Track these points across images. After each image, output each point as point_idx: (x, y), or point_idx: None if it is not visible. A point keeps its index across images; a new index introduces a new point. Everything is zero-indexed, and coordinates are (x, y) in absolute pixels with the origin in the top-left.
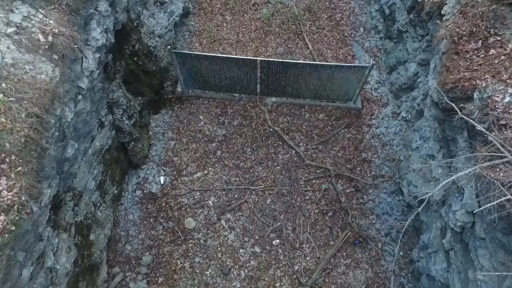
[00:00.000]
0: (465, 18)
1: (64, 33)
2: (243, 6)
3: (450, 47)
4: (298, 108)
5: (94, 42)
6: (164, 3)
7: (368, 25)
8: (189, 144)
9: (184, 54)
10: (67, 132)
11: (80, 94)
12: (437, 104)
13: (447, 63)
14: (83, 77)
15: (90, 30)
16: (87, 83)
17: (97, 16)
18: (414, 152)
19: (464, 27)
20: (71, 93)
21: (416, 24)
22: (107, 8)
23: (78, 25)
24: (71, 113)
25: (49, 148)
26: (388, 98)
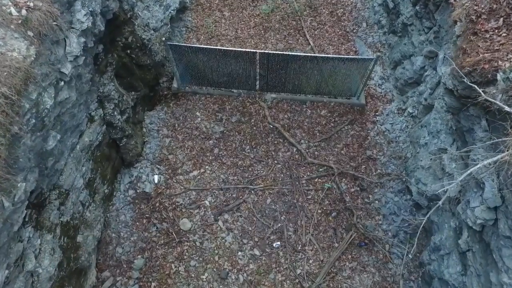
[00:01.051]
0: None
1: (40, 7)
2: (242, 2)
3: (467, 28)
4: (299, 104)
5: (79, 24)
6: None
7: (371, 20)
8: (185, 141)
9: (180, 47)
10: (47, 121)
11: (62, 80)
12: (451, 91)
13: (463, 45)
14: (66, 62)
15: (74, 12)
16: (70, 69)
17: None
18: (422, 148)
19: (483, 4)
20: (51, 77)
21: (422, 16)
22: None
23: (59, 3)
24: (50, 99)
25: (24, 137)
26: (393, 94)
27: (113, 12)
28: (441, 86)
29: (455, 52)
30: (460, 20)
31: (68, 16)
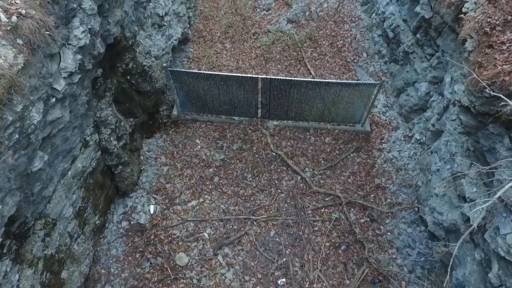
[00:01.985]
0: (495, 7)
1: (33, 16)
2: (243, 35)
3: (482, 41)
4: (302, 132)
5: (76, 41)
6: (162, 26)
7: (371, 51)
8: (184, 169)
9: (180, 73)
10: (34, 138)
11: (54, 97)
12: (468, 109)
13: (479, 59)
14: (60, 78)
15: (72, 28)
16: (63, 86)
17: (81, 14)
18: (434, 175)
19: (496, 16)
20: (41, 91)
21: (423, 44)
22: (92, 6)
23: (56, 16)
24: (38, 114)
25: (4, 153)
26: (398, 122)
27: (114, 37)
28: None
29: (469, 67)
30: (470, 37)
31: (65, 31)
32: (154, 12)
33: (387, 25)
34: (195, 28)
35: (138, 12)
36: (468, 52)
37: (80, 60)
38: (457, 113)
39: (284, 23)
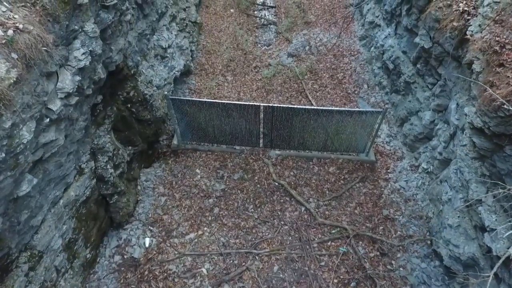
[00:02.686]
0: (503, 26)
1: (30, 31)
2: (245, 69)
3: (491, 60)
4: (306, 161)
5: (76, 62)
6: (165, 57)
7: (372, 82)
8: (183, 200)
9: (182, 101)
10: (22, 159)
11: (48, 117)
12: (481, 131)
13: (489, 79)
14: (56, 98)
15: (72, 49)
16: (59, 106)
17: (83, 37)
18: (446, 205)
19: (504, 35)
20: (34, 110)
21: (424, 74)
22: (95, 29)
23: (55, 34)
24: (29, 133)
25: None
26: (403, 152)
27: (116, 64)
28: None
29: (478, 89)
30: (477, 58)
31: (64, 51)
32: (157, 44)
33: (387, 57)
34: (197, 62)
35: (141, 43)
36: (476, 74)
37: (78, 82)
38: (470, 136)
39: (284, 57)
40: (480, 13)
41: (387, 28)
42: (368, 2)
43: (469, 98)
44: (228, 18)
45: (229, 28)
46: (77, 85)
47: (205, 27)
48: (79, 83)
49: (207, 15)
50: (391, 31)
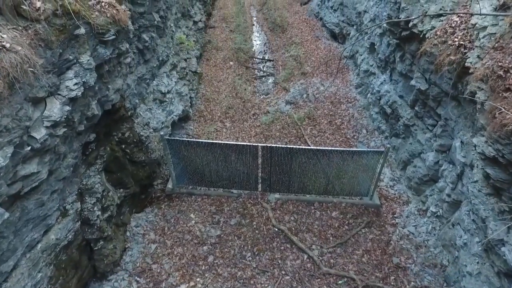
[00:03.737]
0: (504, 52)
1: (18, 51)
2: (243, 116)
3: (496, 85)
4: (307, 206)
5: (67, 91)
6: (163, 102)
7: (370, 127)
8: (174, 247)
9: (178, 142)
10: None
11: (30, 146)
12: (495, 160)
13: (497, 104)
14: (41, 126)
15: (64, 78)
16: (43, 135)
17: (77, 68)
18: (462, 251)
19: (507, 60)
20: (14, 134)
21: (423, 116)
22: (90, 61)
23: (46, 60)
24: (4, 159)
25: None
26: (408, 196)
27: (113, 103)
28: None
29: (486, 117)
30: (479, 89)
31: (55, 79)
32: (157, 88)
33: (384, 102)
34: (196, 108)
35: (140, 87)
36: (481, 103)
37: (68, 112)
38: (482, 167)
39: (282, 105)
40: (477, 45)
41: (382, 75)
42: (362, 53)
43: (475, 131)
44: (228, 70)
45: (228, 78)
46: (66, 115)
47: (205, 77)
48: (68, 114)
49: (207, 67)
50: (386, 77)
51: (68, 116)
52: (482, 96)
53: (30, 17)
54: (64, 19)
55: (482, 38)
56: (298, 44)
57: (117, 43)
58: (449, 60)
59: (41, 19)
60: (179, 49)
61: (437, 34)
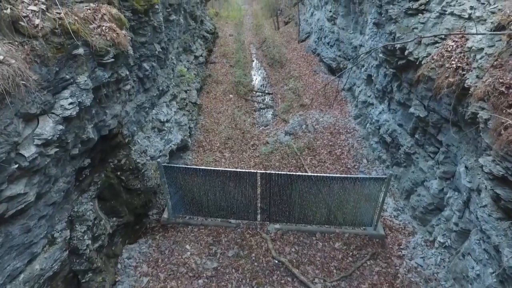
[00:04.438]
0: (504, 70)
1: (11, 64)
2: (243, 146)
3: (499, 102)
4: (308, 236)
5: (61, 110)
6: (162, 130)
7: (371, 157)
8: (168, 281)
9: (174, 168)
10: None
11: (18, 164)
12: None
13: (502, 121)
14: (31, 144)
15: (60, 97)
16: (33, 154)
17: (73, 88)
18: (475, 283)
19: (508, 77)
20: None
21: (423, 143)
22: (87, 82)
23: (41, 77)
24: None
25: None
26: (414, 226)
27: (110, 129)
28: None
29: (491, 135)
30: (481, 108)
31: (49, 97)
32: (156, 117)
33: (383, 131)
34: (195, 139)
35: (139, 115)
36: (484, 122)
37: (61, 132)
38: (492, 188)
39: (282, 135)
40: (474, 67)
41: (380, 105)
42: (359, 85)
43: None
44: (228, 102)
45: (228, 110)
46: (59, 135)
47: (205, 109)
48: (62, 134)
49: (207, 99)
50: (384, 107)
51: (61, 136)
52: (485, 114)
53: (27, 33)
54: (63, 38)
55: (480, 59)
56: (297, 78)
57: (116, 67)
58: (447, 83)
59: (39, 36)
60: (180, 81)
61: (433, 58)
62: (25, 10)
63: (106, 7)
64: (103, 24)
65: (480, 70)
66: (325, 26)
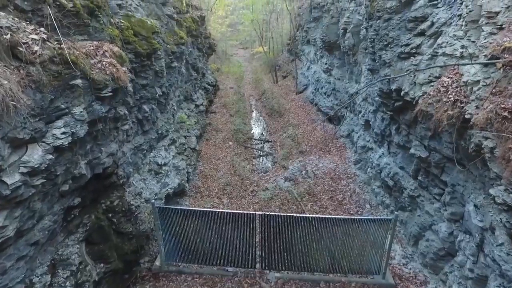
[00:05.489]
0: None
1: (2, 84)
2: (242, 192)
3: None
4: (311, 286)
5: (52, 139)
6: (159, 173)
7: (374, 202)
8: None
9: (169, 210)
10: None
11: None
12: None
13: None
14: (15, 171)
15: (52, 126)
16: (16, 181)
17: (68, 118)
18: None
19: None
20: None
21: (427, 185)
22: (83, 113)
23: (35, 103)
24: None
25: None
26: (425, 275)
27: (104, 167)
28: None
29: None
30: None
31: (41, 124)
32: (153, 160)
33: (385, 175)
34: (193, 184)
35: (136, 156)
36: (490, 150)
37: (50, 162)
38: (508, 221)
39: (282, 181)
40: (473, 99)
41: (379, 149)
42: (358, 131)
43: (489, 185)
44: (227, 149)
45: (227, 157)
46: (48, 164)
47: (204, 155)
48: (51, 164)
49: (206, 146)
50: (384, 150)
51: (50, 167)
52: (489, 144)
53: (25, 58)
54: (61, 67)
55: (477, 90)
56: (295, 126)
57: (114, 102)
58: (447, 116)
59: (36, 62)
60: (180, 127)
61: (430, 94)
62: (26, 38)
63: (108, 45)
64: (104, 59)
65: (479, 100)
66: (322, 78)
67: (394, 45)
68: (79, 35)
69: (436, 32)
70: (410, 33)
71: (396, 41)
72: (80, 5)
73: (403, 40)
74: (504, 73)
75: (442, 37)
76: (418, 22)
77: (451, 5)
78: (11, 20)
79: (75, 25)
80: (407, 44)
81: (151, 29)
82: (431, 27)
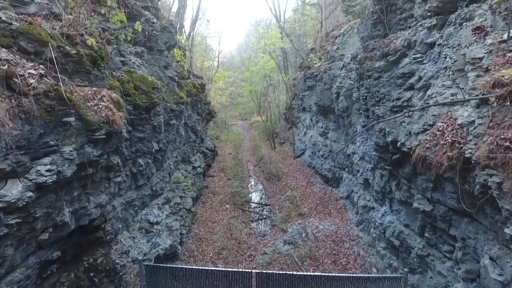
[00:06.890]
0: (503, 128)
1: None
2: (238, 257)
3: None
4: None
5: (35, 176)
6: (150, 232)
7: (380, 265)
8: None
9: (158, 268)
10: None
11: None
12: None
13: None
14: None
15: (38, 163)
16: None
17: (56, 156)
18: None
19: (509, 133)
20: None
21: (436, 242)
22: (72, 152)
23: (21, 134)
24: None
25: None
26: None
27: (90, 219)
28: None
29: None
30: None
31: (25, 159)
32: (145, 218)
33: (389, 234)
34: (186, 248)
35: (127, 212)
36: (497, 186)
37: (29, 200)
38: None
39: (281, 245)
40: (470, 139)
41: (381, 207)
42: (357, 191)
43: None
44: (223, 212)
45: (224, 220)
46: (26, 202)
47: (200, 218)
48: (30, 203)
49: (203, 208)
50: (386, 209)
51: (29, 207)
52: (496, 179)
53: (18, 89)
54: (55, 102)
55: (473, 130)
56: (294, 189)
57: (107, 147)
58: (447, 157)
59: (30, 94)
60: (176, 187)
61: (427, 139)
62: (23, 71)
63: (107, 91)
64: (101, 103)
65: (477, 138)
66: (318, 141)
67: (386, 100)
68: (80, 80)
69: (425, 85)
70: (400, 88)
71: (387, 96)
72: (84, 53)
73: (394, 95)
74: (499, 106)
75: (431, 88)
76: (407, 78)
77: (435, 61)
78: (12, 56)
79: (77, 71)
80: (398, 98)
81: (152, 84)
82: (419, 81)
